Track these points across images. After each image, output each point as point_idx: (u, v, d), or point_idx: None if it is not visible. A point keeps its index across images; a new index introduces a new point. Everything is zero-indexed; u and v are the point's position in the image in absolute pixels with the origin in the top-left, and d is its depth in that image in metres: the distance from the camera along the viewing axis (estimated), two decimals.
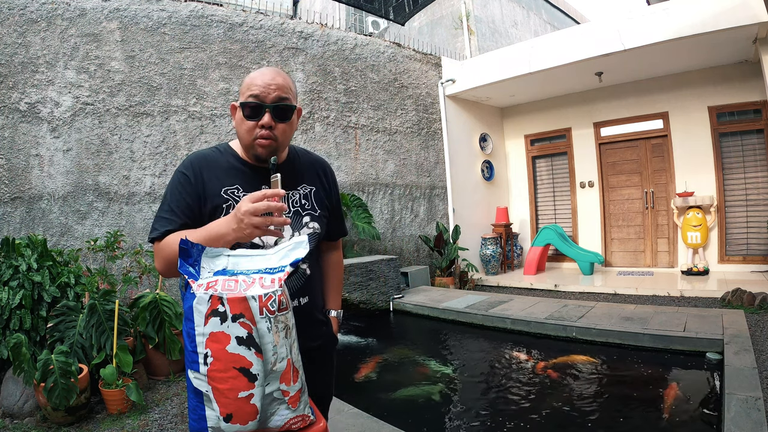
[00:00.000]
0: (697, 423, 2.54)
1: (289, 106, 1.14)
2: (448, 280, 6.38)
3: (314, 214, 1.25)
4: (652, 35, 5.08)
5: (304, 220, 1.22)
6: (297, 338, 1.13)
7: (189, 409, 0.96)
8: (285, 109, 1.13)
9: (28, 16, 4.03)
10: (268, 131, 1.11)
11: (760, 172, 5.93)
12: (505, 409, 2.87)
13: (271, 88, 1.11)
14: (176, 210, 1.11)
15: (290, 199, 1.20)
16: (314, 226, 1.24)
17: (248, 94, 1.11)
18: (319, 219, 1.25)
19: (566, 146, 7.51)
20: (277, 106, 1.11)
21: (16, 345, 2.59)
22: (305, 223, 1.23)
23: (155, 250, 1.11)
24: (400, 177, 6.53)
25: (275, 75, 1.13)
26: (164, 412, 2.87)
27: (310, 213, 1.24)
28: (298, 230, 1.21)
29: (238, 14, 5.16)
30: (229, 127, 4.98)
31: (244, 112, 1.12)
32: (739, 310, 4.23)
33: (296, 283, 1.21)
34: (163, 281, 3.96)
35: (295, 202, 1.22)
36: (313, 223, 1.24)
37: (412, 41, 7.39)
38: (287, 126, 1.16)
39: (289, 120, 1.15)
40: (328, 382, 1.41)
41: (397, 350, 4.25)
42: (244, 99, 1.12)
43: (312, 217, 1.24)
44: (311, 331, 1.26)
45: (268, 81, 1.11)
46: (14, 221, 3.86)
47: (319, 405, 1.33)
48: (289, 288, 1.17)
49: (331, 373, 1.42)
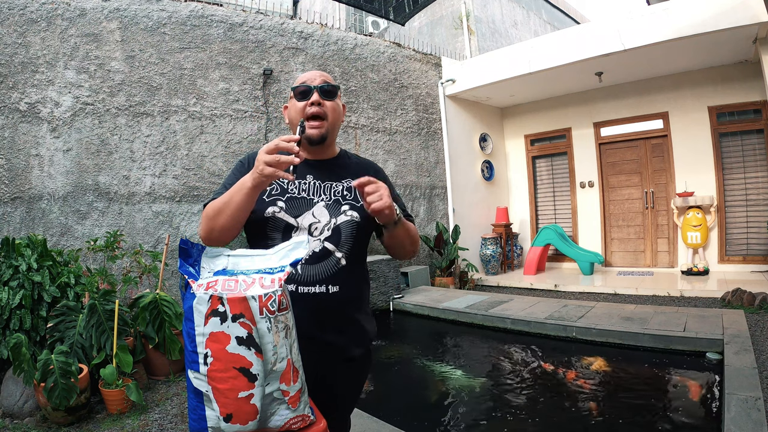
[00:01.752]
0: (697, 423, 2.54)
1: (334, 86, 1.29)
2: (448, 280, 6.38)
3: (355, 205, 1.26)
4: (652, 35, 5.08)
5: (343, 208, 1.25)
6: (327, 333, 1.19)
7: (189, 409, 0.96)
8: (330, 89, 1.28)
9: (28, 16, 4.03)
10: (318, 108, 1.25)
11: (760, 172, 5.93)
12: (507, 409, 2.87)
13: (316, 75, 1.29)
14: (227, 186, 1.22)
15: (332, 189, 1.28)
16: (352, 214, 1.25)
17: (298, 83, 1.29)
18: (360, 209, 1.25)
19: (566, 146, 7.51)
20: (323, 87, 1.27)
21: (16, 345, 2.59)
22: (343, 211, 1.25)
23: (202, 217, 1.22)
24: (400, 177, 6.53)
25: (319, 71, 1.32)
26: (164, 412, 2.87)
27: (350, 203, 1.27)
28: (335, 216, 1.24)
29: (238, 14, 5.16)
30: (229, 127, 4.99)
31: (295, 96, 1.28)
32: (739, 310, 4.23)
33: (326, 270, 1.20)
34: (163, 281, 3.97)
35: (337, 193, 1.27)
36: (352, 212, 1.25)
37: (412, 41, 7.39)
38: (334, 104, 1.29)
39: (334, 99, 1.29)
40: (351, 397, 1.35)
41: (397, 350, 4.25)
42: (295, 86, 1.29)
43: (352, 207, 1.26)
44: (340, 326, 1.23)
45: (313, 73, 1.30)
46: (14, 221, 3.86)
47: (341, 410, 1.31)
48: (318, 274, 1.20)
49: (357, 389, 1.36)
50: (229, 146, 4.98)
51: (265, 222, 1.21)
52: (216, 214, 1.14)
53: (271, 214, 1.21)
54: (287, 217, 1.21)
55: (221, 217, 1.13)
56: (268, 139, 5.26)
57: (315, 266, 1.20)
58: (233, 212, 1.11)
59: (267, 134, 5.26)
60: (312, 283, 1.18)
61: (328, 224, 1.22)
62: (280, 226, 1.21)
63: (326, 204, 1.24)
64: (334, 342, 1.21)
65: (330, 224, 1.22)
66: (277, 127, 5.33)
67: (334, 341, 1.21)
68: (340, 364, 1.24)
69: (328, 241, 1.21)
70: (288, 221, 1.21)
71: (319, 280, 1.19)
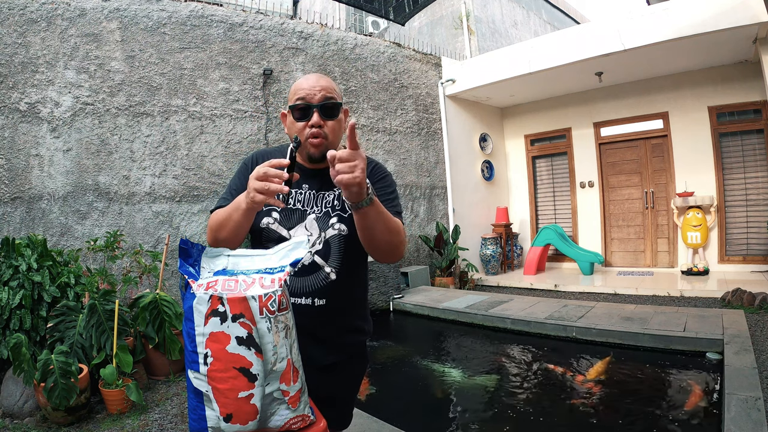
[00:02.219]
0: (697, 423, 2.54)
1: (335, 103, 1.20)
2: (448, 280, 6.38)
3: (344, 215, 1.22)
4: (652, 35, 5.08)
5: (331, 221, 1.22)
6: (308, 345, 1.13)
7: (189, 409, 0.96)
8: (332, 107, 1.19)
9: (28, 16, 4.03)
10: (318, 129, 1.17)
11: (760, 172, 5.93)
12: (507, 409, 2.87)
13: (316, 89, 1.18)
14: (232, 192, 1.21)
15: (323, 200, 1.24)
16: (340, 227, 1.21)
17: (295, 98, 1.19)
18: (348, 221, 1.21)
19: (566, 146, 7.51)
20: (324, 104, 1.18)
21: (16, 345, 2.59)
22: (331, 224, 1.22)
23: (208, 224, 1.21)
24: (400, 177, 6.53)
25: (319, 78, 1.21)
26: (164, 412, 2.87)
27: (339, 214, 1.22)
28: (324, 230, 1.21)
29: (238, 14, 5.16)
30: (229, 127, 4.99)
31: (294, 115, 1.20)
32: (739, 310, 4.23)
33: (313, 284, 1.20)
34: (163, 281, 3.96)
35: (327, 203, 1.23)
36: (340, 224, 1.21)
37: (412, 41, 7.39)
38: (336, 123, 1.21)
39: (336, 117, 1.21)
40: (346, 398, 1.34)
41: (397, 350, 4.25)
42: (293, 103, 1.19)
43: (340, 219, 1.22)
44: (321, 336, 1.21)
45: (312, 84, 1.19)
46: (14, 221, 3.86)
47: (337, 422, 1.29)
48: (305, 287, 1.19)
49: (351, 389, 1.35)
50: (229, 146, 4.98)
51: (260, 232, 1.22)
52: (218, 228, 1.14)
53: (265, 225, 1.21)
54: (281, 229, 1.21)
55: (223, 232, 1.13)
56: (268, 139, 5.26)
57: (304, 279, 1.19)
58: (233, 229, 1.11)
59: (267, 134, 5.26)
60: (299, 295, 1.19)
61: (318, 238, 1.21)
62: (274, 238, 1.21)
63: (316, 216, 1.22)
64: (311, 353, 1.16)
65: (320, 238, 1.21)
66: (277, 127, 5.33)
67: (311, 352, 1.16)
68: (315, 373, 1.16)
69: (318, 255, 1.20)
70: (281, 234, 1.21)
71: (306, 293, 1.19)
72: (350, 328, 1.29)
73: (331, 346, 1.24)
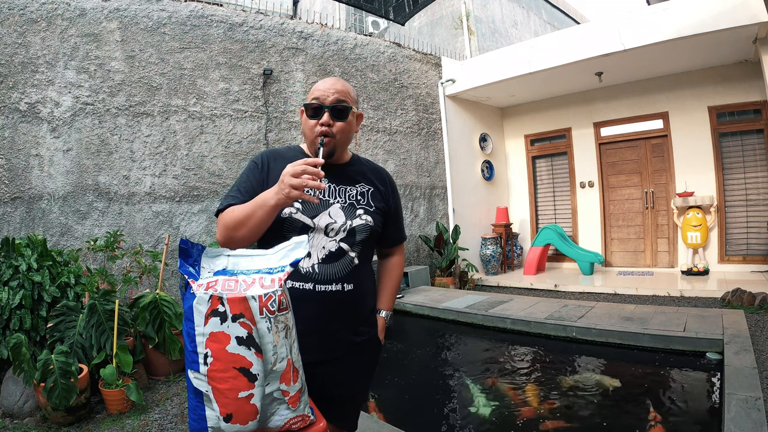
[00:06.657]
0: (697, 423, 2.54)
1: (346, 107, 1.28)
2: (448, 280, 6.38)
3: (369, 210, 1.33)
4: (652, 35, 5.08)
5: (358, 212, 1.31)
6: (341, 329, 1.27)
7: (189, 409, 0.96)
8: (342, 110, 1.28)
9: (28, 16, 4.03)
10: (327, 128, 1.26)
11: (760, 172, 5.93)
12: (507, 409, 2.87)
13: (330, 92, 1.28)
14: (242, 190, 1.26)
15: (347, 193, 1.33)
16: (366, 218, 1.31)
17: (311, 97, 1.29)
18: (373, 214, 1.33)
19: (566, 146, 7.51)
20: (335, 106, 1.27)
21: (16, 345, 2.59)
22: (358, 214, 1.31)
23: (218, 222, 1.23)
24: (400, 177, 6.53)
25: (335, 82, 1.31)
26: (164, 412, 2.87)
27: (364, 207, 1.33)
28: (350, 219, 1.29)
29: (238, 14, 5.16)
30: (229, 127, 4.99)
31: (307, 113, 1.29)
32: (739, 310, 4.23)
33: (341, 269, 1.27)
34: (163, 281, 3.97)
35: (351, 197, 1.33)
36: (366, 216, 1.31)
37: (412, 41, 7.39)
38: (345, 125, 1.29)
39: (346, 120, 1.29)
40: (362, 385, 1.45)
41: (397, 350, 4.25)
42: (308, 101, 1.29)
43: (366, 211, 1.32)
44: (356, 323, 1.33)
45: (328, 86, 1.29)
46: (14, 221, 3.86)
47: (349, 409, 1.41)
48: (334, 273, 1.25)
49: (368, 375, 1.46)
50: (229, 146, 4.98)
51: (281, 222, 1.23)
52: (237, 226, 1.16)
53: (288, 215, 1.24)
54: (304, 218, 1.25)
55: (242, 230, 1.16)
56: (268, 139, 5.26)
57: (331, 265, 1.25)
58: (254, 226, 1.15)
59: (267, 134, 5.26)
60: (328, 282, 1.24)
61: (344, 225, 1.27)
62: (297, 227, 1.24)
63: (342, 206, 1.29)
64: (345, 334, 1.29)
65: (346, 226, 1.27)
66: (277, 127, 5.33)
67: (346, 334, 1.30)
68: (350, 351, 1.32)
69: (344, 242, 1.26)
70: (305, 222, 1.25)
71: (335, 279, 1.25)
72: (373, 309, 1.44)
73: (362, 326, 1.36)
